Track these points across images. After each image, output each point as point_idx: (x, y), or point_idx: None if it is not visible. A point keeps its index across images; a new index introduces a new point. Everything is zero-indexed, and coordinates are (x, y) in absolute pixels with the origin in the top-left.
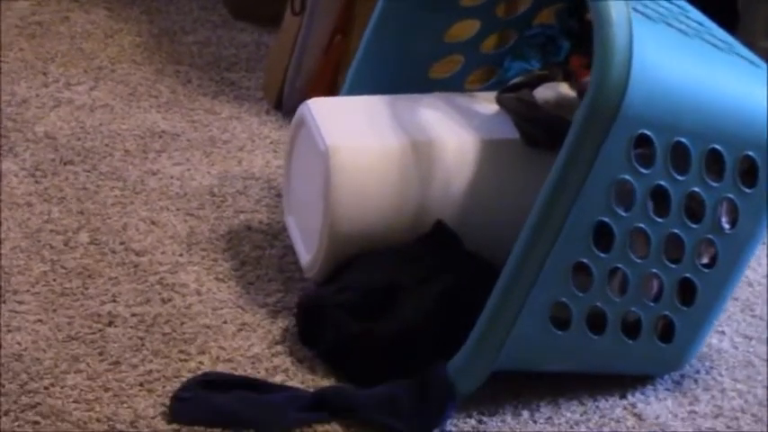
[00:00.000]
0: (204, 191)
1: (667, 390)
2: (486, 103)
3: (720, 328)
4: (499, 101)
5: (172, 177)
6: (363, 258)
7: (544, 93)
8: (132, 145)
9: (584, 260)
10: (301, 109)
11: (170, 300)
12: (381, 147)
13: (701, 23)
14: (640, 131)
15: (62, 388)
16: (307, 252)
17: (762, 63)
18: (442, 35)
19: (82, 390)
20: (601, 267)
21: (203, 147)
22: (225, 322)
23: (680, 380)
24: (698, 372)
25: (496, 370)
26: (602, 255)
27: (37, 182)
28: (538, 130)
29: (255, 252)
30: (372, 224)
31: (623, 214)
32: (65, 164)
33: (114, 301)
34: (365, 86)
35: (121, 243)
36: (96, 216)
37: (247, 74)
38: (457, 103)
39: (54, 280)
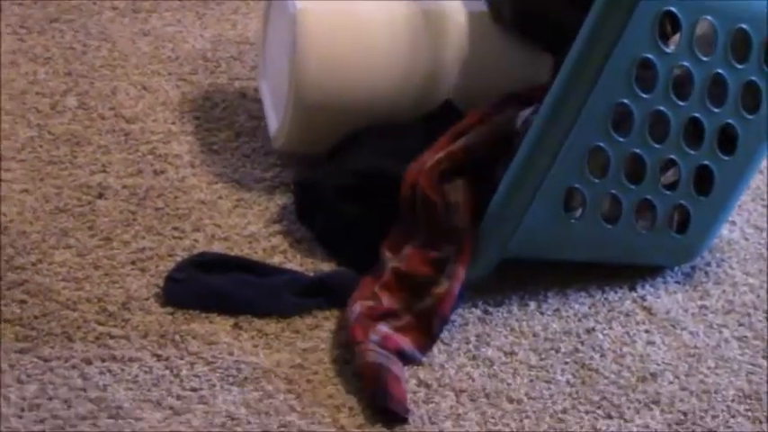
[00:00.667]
0: (197, 55)
1: (677, 282)
2: None
3: (731, 218)
4: None
5: (163, 39)
6: (366, 135)
7: None
8: (122, 3)
9: (602, 144)
10: None
11: (163, 171)
12: (354, 11)
13: None
14: (666, 8)
15: (50, 264)
16: (275, 121)
17: None
18: None
19: (71, 267)
20: (618, 152)
21: (196, 7)
22: (220, 198)
23: (690, 272)
24: (708, 264)
25: (507, 258)
26: (621, 139)
27: (21, 40)
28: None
29: (251, 123)
30: (343, 93)
31: (644, 96)
32: (51, 21)
33: (104, 171)
34: None
35: (111, 108)
36: (84, 78)
37: None
38: None
39: (41, 146)
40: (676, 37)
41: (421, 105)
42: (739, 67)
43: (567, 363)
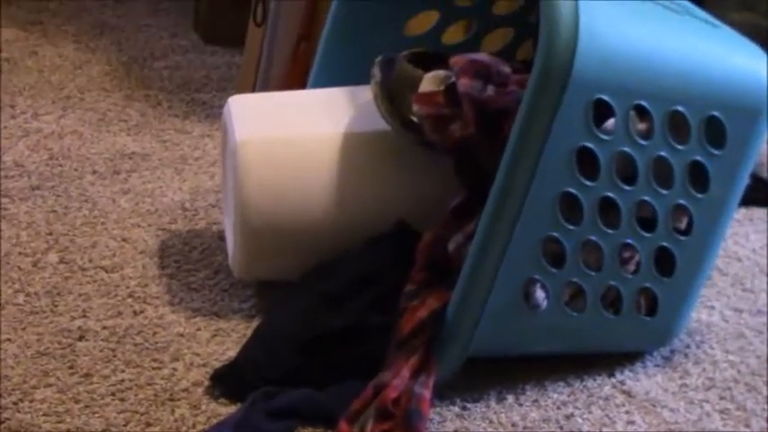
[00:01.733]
0: (176, 206)
1: (657, 366)
2: None
3: (710, 303)
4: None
5: (143, 195)
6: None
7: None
8: (102, 167)
9: (554, 234)
10: (225, 107)
11: (142, 311)
12: (291, 139)
13: None
14: (597, 96)
15: (31, 402)
16: (231, 250)
17: (720, 24)
18: (402, 29)
19: (52, 403)
20: (572, 240)
21: (174, 164)
22: (199, 329)
23: (670, 355)
24: (688, 346)
25: (478, 355)
26: (572, 227)
27: (4, 208)
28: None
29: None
30: (287, 219)
31: (589, 184)
32: (33, 189)
33: (84, 316)
34: (335, 68)
35: (90, 261)
36: (65, 236)
37: (219, 93)
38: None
39: (23, 300)
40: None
41: (369, 226)
42: (681, 148)
43: None
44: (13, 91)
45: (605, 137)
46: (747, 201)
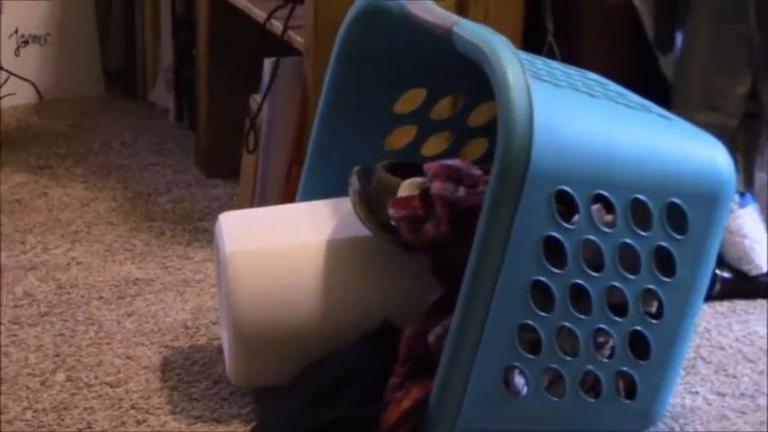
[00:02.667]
0: (178, 325)
1: None
2: None
3: (694, 389)
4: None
5: (147, 317)
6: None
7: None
8: (108, 293)
9: (529, 321)
10: (216, 224)
11: (145, 420)
12: (279, 250)
13: (617, 91)
14: (558, 188)
15: None
16: (228, 359)
17: (676, 118)
18: (382, 143)
19: None
20: (547, 327)
21: (177, 287)
22: None
23: None
24: (672, 429)
25: None
26: (545, 314)
27: (14, 335)
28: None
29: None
30: (279, 324)
31: (558, 272)
32: (42, 316)
33: (90, 427)
34: (320, 182)
35: (96, 377)
36: (72, 357)
37: None
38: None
39: (31, 416)
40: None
41: (356, 327)
42: (644, 234)
43: None
44: (24, 229)
45: (570, 226)
46: (730, 294)
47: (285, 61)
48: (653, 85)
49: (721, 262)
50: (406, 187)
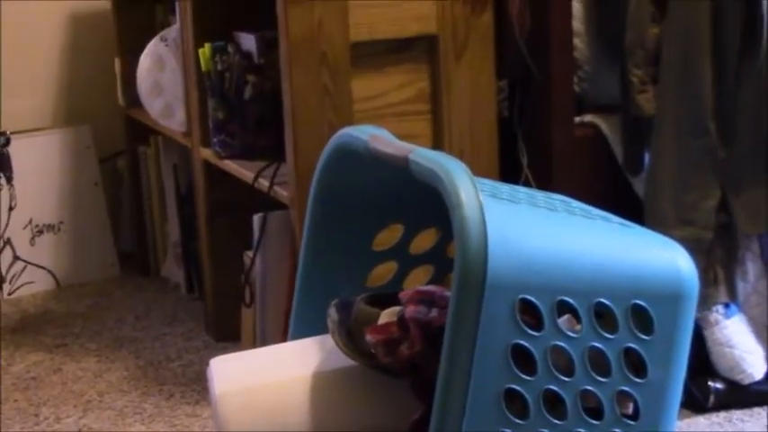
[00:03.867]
0: None
1: None
2: None
3: None
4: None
5: None
6: None
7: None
8: None
9: (506, 430)
10: (207, 369)
11: None
12: (267, 387)
13: (578, 207)
14: (520, 297)
15: None
16: None
17: (636, 226)
18: (364, 281)
19: None
20: None
21: None
22: None
23: None
24: None
25: None
26: (521, 422)
27: None
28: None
29: None
30: None
31: (529, 378)
32: None
33: None
34: (308, 320)
35: None
36: None
37: None
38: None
39: None
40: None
41: None
42: (611, 337)
43: None
44: (38, 403)
45: (535, 333)
46: (725, 404)
47: (273, 216)
48: (629, 207)
49: (714, 374)
50: (386, 316)
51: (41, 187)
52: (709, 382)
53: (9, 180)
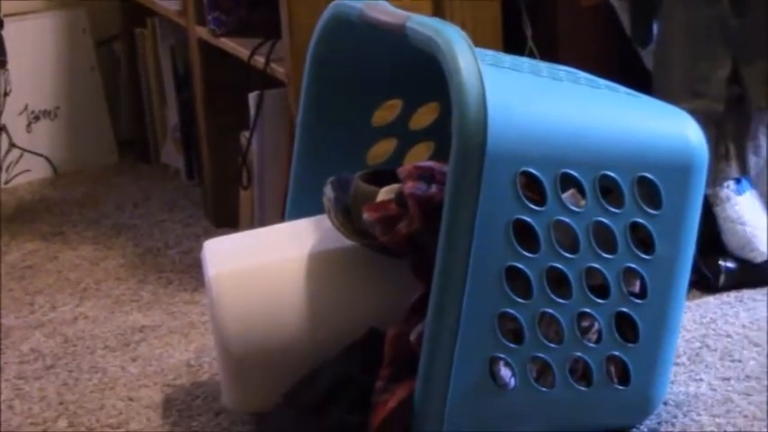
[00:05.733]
0: (181, 364)
1: None
2: None
3: (698, 377)
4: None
5: (150, 360)
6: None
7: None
8: (113, 342)
9: (508, 309)
10: (201, 251)
11: None
12: (261, 268)
13: (584, 77)
14: (522, 169)
15: None
16: (222, 384)
17: (644, 95)
18: (364, 158)
19: None
20: (527, 315)
21: (182, 330)
22: None
23: (656, 427)
24: (675, 417)
25: None
26: (524, 301)
27: (19, 389)
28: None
29: None
30: (266, 342)
31: (531, 256)
32: (48, 369)
33: None
34: (305, 201)
35: (98, 421)
36: (75, 404)
37: None
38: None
39: None
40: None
41: (344, 338)
42: (617, 211)
43: None
44: (33, 291)
45: (538, 208)
46: (736, 284)
47: (269, 94)
48: (637, 80)
49: (724, 252)
50: (384, 194)
51: (37, 72)
52: (720, 262)
53: (3, 65)
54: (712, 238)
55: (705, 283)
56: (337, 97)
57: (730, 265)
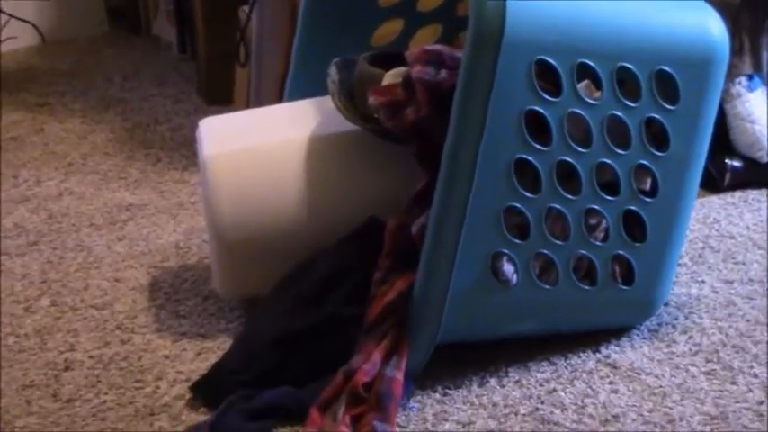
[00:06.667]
0: (170, 246)
1: (643, 338)
2: None
3: (700, 278)
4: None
5: (138, 240)
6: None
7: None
8: (99, 220)
9: (514, 204)
10: (196, 130)
11: (129, 340)
12: (258, 149)
13: None
14: (537, 57)
15: (12, 430)
16: (214, 270)
17: None
18: (369, 40)
19: (32, 430)
20: (534, 210)
21: (171, 211)
22: (184, 350)
23: (657, 327)
24: (676, 318)
25: (455, 340)
26: (532, 195)
27: (2, 265)
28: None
29: None
30: (261, 225)
31: (542, 149)
32: (31, 245)
33: (72, 349)
34: (307, 81)
35: (82, 301)
36: (58, 282)
37: None
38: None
39: (12, 342)
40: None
41: (342, 225)
42: (633, 105)
43: (526, 421)
44: (17, 164)
45: (552, 99)
46: (742, 183)
47: None
48: None
49: (731, 150)
50: (390, 77)
51: None
52: (726, 160)
53: None
54: (720, 136)
55: (710, 181)
56: None
57: (736, 164)
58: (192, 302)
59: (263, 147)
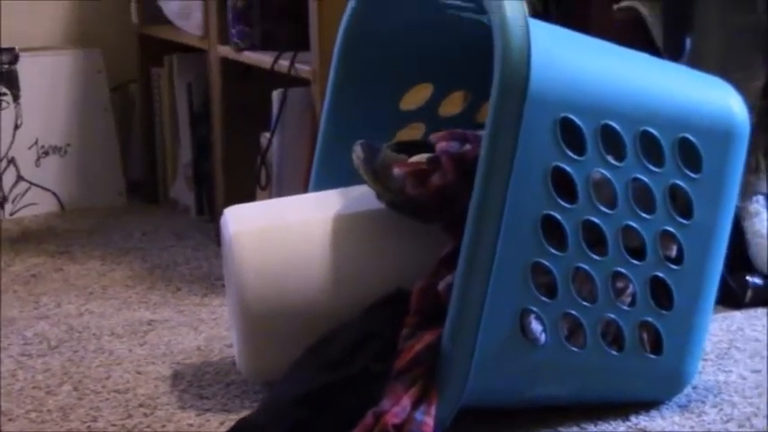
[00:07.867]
0: (191, 349)
1: (673, 411)
2: None
3: (727, 369)
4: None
5: (159, 345)
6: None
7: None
8: (121, 330)
9: (541, 260)
10: (221, 218)
11: (152, 413)
12: (283, 227)
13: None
14: (562, 115)
15: None
16: (237, 350)
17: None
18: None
19: None
20: (561, 268)
21: (192, 324)
22: (208, 420)
23: (686, 403)
24: (705, 397)
25: (484, 402)
26: (559, 253)
27: (22, 363)
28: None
29: (241, 376)
30: (286, 301)
31: (569, 206)
32: (52, 348)
33: (95, 421)
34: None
35: (104, 387)
36: (80, 374)
37: None
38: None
39: (34, 416)
40: None
41: (366, 302)
42: (657, 170)
43: None
44: (38, 293)
45: (577, 157)
46: (763, 300)
47: (293, 92)
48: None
49: (752, 268)
50: (415, 159)
51: (49, 108)
52: (747, 277)
53: (16, 98)
54: (740, 252)
55: (732, 297)
56: (368, 75)
57: (758, 280)
58: (215, 389)
59: (288, 224)
